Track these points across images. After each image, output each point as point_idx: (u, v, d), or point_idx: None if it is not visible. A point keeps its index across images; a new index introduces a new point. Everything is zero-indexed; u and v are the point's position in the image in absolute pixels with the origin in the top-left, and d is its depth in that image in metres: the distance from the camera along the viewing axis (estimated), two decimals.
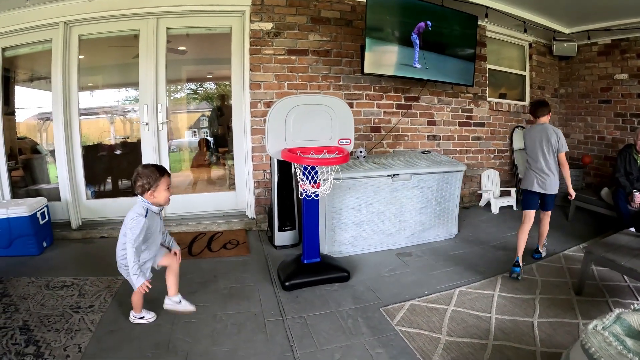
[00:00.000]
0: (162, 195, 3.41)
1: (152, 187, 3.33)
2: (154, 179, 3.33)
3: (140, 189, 3.33)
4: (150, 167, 3.40)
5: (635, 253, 4.18)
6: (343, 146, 4.34)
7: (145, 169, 3.37)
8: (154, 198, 3.37)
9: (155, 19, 5.82)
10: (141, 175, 3.32)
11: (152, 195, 3.35)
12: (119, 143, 6.78)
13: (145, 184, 3.31)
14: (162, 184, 3.38)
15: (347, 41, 6.39)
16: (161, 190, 3.38)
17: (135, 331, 3.43)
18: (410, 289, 4.37)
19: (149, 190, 3.33)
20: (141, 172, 3.33)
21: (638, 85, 7.60)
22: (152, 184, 3.33)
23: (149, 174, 3.33)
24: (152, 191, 3.34)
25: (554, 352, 3.27)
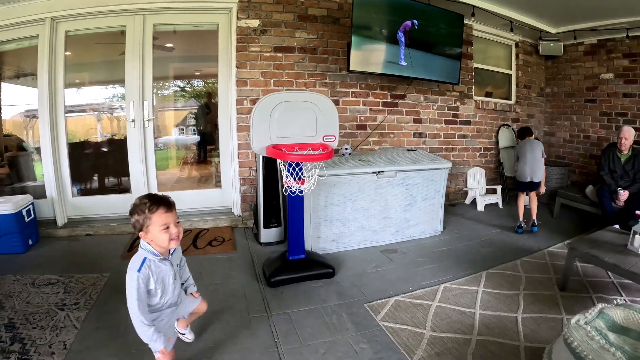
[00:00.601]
0: (158, 237, 2.55)
1: (142, 225, 2.53)
2: (143, 215, 2.53)
3: (133, 225, 2.57)
4: (144, 197, 2.60)
5: (619, 249, 4.22)
6: (328, 143, 4.34)
7: (138, 200, 2.59)
8: (149, 240, 2.57)
9: (142, 15, 5.79)
10: (132, 209, 2.56)
11: (146, 236, 2.56)
12: (106, 140, 6.75)
13: (135, 221, 2.55)
14: (153, 222, 2.52)
15: (333, 39, 6.40)
16: (153, 231, 2.54)
17: (121, 328, 3.40)
18: (394, 285, 4.39)
19: (140, 230, 2.54)
20: (133, 204, 2.57)
21: (623, 85, 7.71)
22: (141, 222, 2.53)
23: (138, 207, 2.54)
24: (144, 232, 2.55)
25: (538, 346, 3.29)
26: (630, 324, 2.67)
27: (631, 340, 2.51)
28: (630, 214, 5.39)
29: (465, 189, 8.06)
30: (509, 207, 7.64)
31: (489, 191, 7.96)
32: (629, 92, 7.66)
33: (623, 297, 4.25)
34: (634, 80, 7.56)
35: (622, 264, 3.91)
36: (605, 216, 6.06)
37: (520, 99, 8.77)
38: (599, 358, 2.35)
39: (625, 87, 7.71)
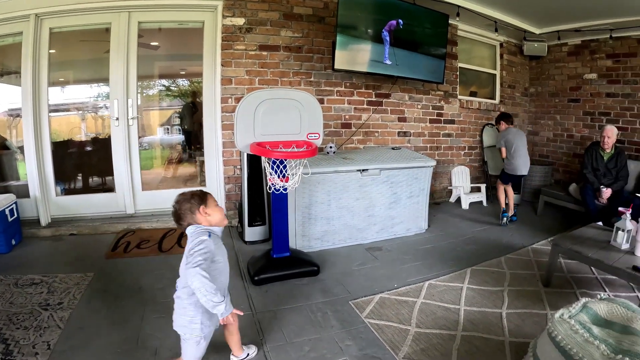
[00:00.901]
0: (216, 213, 2.76)
1: (202, 203, 2.71)
2: (199, 197, 2.74)
3: (189, 211, 2.67)
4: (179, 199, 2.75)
5: (602, 245, 4.28)
6: (312, 140, 4.34)
7: (182, 195, 2.77)
8: (207, 216, 2.71)
9: (127, 12, 5.75)
10: (183, 201, 2.70)
11: (205, 213, 2.70)
12: (90, 139, 6.70)
13: (193, 205, 2.68)
14: (210, 199, 2.78)
15: (319, 37, 6.40)
16: (213, 206, 2.75)
17: (104, 328, 3.39)
18: (379, 283, 4.40)
19: (199, 207, 2.67)
20: (181, 199, 2.73)
21: (607, 85, 7.80)
22: (200, 202, 2.71)
23: (190, 196, 2.73)
24: (204, 207, 2.70)
25: (522, 341, 3.32)
26: (614, 317, 2.69)
27: (615, 334, 2.52)
28: (613, 211, 5.46)
29: (449, 187, 8.11)
30: (494, 205, 7.69)
31: (473, 189, 8.02)
32: (612, 92, 7.74)
33: (607, 292, 4.31)
34: (617, 81, 7.64)
35: (605, 259, 3.96)
36: (588, 213, 6.14)
37: (505, 98, 8.82)
38: (583, 351, 2.35)
39: (609, 87, 7.79)
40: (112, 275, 4.39)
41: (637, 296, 4.17)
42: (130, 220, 5.93)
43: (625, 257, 3.99)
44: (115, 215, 6.05)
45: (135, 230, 5.74)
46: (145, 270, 4.51)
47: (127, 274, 4.33)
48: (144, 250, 5.08)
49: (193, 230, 2.66)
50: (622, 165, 6.25)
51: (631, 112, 7.46)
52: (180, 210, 2.69)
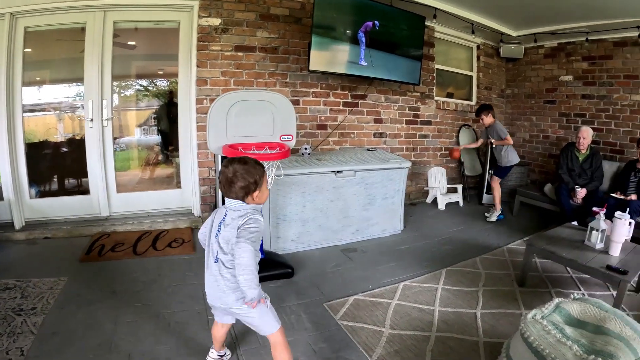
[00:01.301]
0: (265, 193, 2.70)
1: (259, 184, 2.61)
2: (260, 173, 2.63)
3: (244, 190, 2.56)
4: (247, 160, 2.64)
5: (576, 245, 4.35)
6: (285, 142, 4.33)
7: (244, 164, 2.61)
8: (257, 199, 2.64)
9: (102, 11, 5.67)
10: (242, 173, 2.55)
11: (256, 196, 2.62)
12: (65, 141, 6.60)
13: (251, 183, 2.56)
14: (265, 178, 2.68)
15: (295, 38, 6.38)
16: (263, 187, 2.67)
17: (77, 333, 3.33)
18: (354, 284, 4.39)
19: (255, 190, 2.59)
20: (241, 169, 2.56)
21: (582, 87, 7.90)
22: (259, 181, 2.61)
23: (252, 169, 2.60)
24: (259, 190, 2.62)
25: (497, 341, 3.33)
26: (587, 317, 2.71)
27: (588, 334, 2.54)
28: (588, 211, 5.53)
29: (426, 188, 8.14)
30: (470, 206, 7.76)
31: (450, 190, 8.05)
32: (588, 94, 7.83)
33: (582, 291, 4.37)
34: (593, 83, 7.73)
35: (579, 259, 4.03)
36: (563, 213, 6.24)
37: (481, 100, 8.88)
38: (556, 352, 2.37)
39: (584, 88, 7.88)
40: (86, 279, 4.31)
41: (612, 295, 4.21)
42: (105, 223, 5.84)
43: (600, 257, 4.07)
44: (90, 218, 5.96)
45: (110, 233, 5.65)
46: (119, 274, 4.45)
47: (101, 278, 4.27)
48: (118, 254, 5.00)
49: (246, 209, 2.57)
50: (597, 166, 6.36)
51: (606, 113, 7.55)
52: (236, 183, 2.55)
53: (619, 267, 3.76)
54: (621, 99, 7.31)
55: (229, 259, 2.55)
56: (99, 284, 4.10)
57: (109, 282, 4.14)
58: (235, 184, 2.54)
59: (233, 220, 2.54)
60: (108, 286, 4.03)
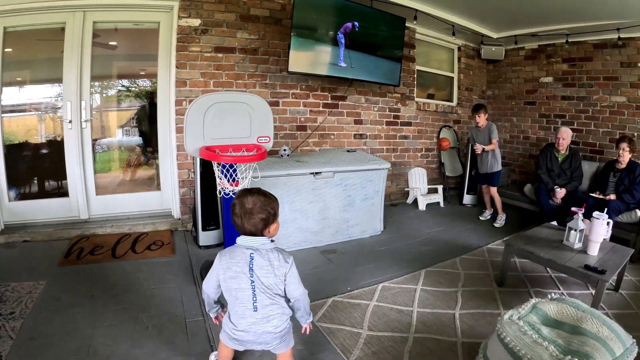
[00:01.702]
0: (278, 224, 2.64)
1: (277, 216, 2.59)
2: (277, 205, 2.59)
3: (264, 222, 2.49)
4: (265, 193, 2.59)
5: (555, 245, 4.41)
6: (262, 144, 4.32)
7: (264, 196, 2.55)
8: (274, 231, 2.58)
9: (82, 11, 5.60)
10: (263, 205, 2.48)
11: (274, 229, 2.57)
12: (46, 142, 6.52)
13: (271, 215, 2.51)
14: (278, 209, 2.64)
15: (275, 40, 6.35)
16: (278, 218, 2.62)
17: (56, 337, 3.29)
18: (332, 286, 4.39)
19: (273, 222, 2.55)
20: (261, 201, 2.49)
21: (562, 88, 7.98)
22: (277, 212, 2.59)
23: (271, 201, 2.55)
24: (276, 223, 2.59)
25: (475, 342, 3.35)
26: (564, 317, 2.73)
27: (564, 334, 2.56)
28: (567, 211, 5.57)
29: (406, 189, 8.15)
30: (450, 206, 7.82)
31: (430, 191, 8.07)
32: (568, 95, 7.90)
33: (561, 290, 4.43)
34: (573, 84, 7.80)
35: (557, 259, 4.07)
36: (542, 213, 6.32)
37: (462, 101, 8.96)
38: (532, 352, 2.38)
39: (564, 90, 7.96)
40: (64, 282, 4.26)
41: (591, 294, 4.23)
42: (85, 226, 5.77)
43: (578, 256, 4.11)
44: (70, 221, 5.88)
45: (89, 236, 5.59)
46: (98, 277, 4.40)
47: (79, 282, 4.23)
48: (97, 257, 4.94)
49: (274, 248, 2.56)
50: (576, 166, 6.43)
51: (586, 114, 7.63)
52: (258, 214, 2.48)
53: (597, 266, 3.80)
54: (601, 100, 7.38)
55: (273, 302, 2.57)
56: (77, 288, 4.06)
57: (87, 286, 4.11)
58: (255, 215, 2.46)
59: (267, 263, 2.49)
60: (87, 290, 3.99)
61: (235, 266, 2.50)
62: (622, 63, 7.05)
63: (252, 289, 2.49)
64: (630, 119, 7.01)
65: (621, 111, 7.14)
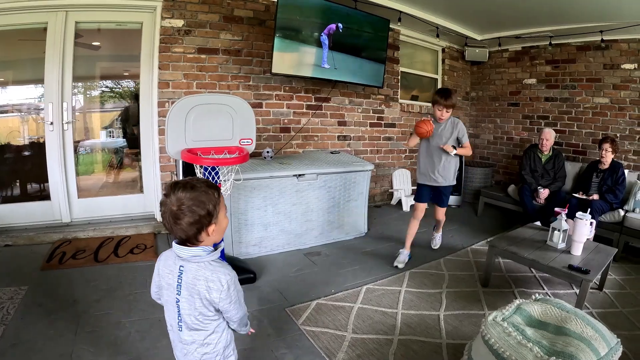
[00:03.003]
0: (223, 223, 2.03)
1: (214, 215, 1.92)
2: (214, 200, 1.92)
3: (195, 227, 1.86)
4: (195, 185, 1.90)
5: (538, 245, 4.44)
6: (244, 146, 4.29)
7: (192, 190, 1.86)
8: (215, 234, 1.96)
9: (64, 11, 5.53)
10: (191, 204, 1.84)
11: (213, 231, 1.93)
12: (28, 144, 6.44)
13: (204, 216, 1.86)
14: (222, 205, 2.00)
15: (259, 41, 6.33)
16: (221, 217, 1.99)
17: (38, 344, 3.25)
18: (317, 288, 4.38)
19: (210, 223, 1.90)
20: (188, 199, 1.83)
21: (545, 89, 8.06)
22: (214, 210, 1.91)
23: (203, 195, 1.88)
24: (215, 223, 1.93)
25: (460, 343, 3.37)
26: (548, 318, 2.73)
27: (549, 335, 2.56)
28: (551, 211, 5.60)
29: (390, 190, 8.15)
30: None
31: (414, 192, 8.02)
32: (551, 96, 7.98)
33: (545, 289, 4.46)
34: (556, 85, 7.88)
35: (541, 259, 4.10)
36: (526, 214, 6.36)
37: None
38: (517, 354, 2.38)
39: (547, 91, 8.03)
40: (46, 288, 4.21)
41: (575, 293, 4.25)
42: (66, 230, 5.69)
43: (562, 257, 4.15)
44: (51, 225, 5.81)
45: (71, 240, 5.53)
46: (80, 282, 4.34)
47: (61, 286, 4.17)
48: (79, 261, 4.88)
49: (207, 264, 1.94)
50: (559, 167, 6.50)
51: (569, 115, 7.70)
52: (185, 217, 1.84)
53: (581, 266, 3.83)
54: (583, 101, 7.45)
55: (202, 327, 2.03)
56: (59, 293, 4.02)
57: (70, 291, 4.06)
58: (182, 219, 1.85)
59: (195, 283, 1.94)
60: (69, 295, 3.95)
61: (167, 276, 2.02)
62: (604, 65, 7.13)
63: (177, 307, 2.00)
64: (613, 120, 7.08)
65: (604, 112, 7.21)
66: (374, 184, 7.73)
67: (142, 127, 6.12)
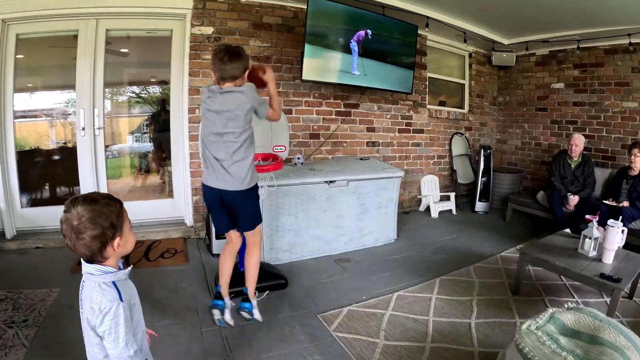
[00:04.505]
0: (129, 238, 1.95)
1: (118, 227, 1.84)
2: (116, 211, 1.84)
3: (98, 241, 1.77)
4: (96, 198, 1.81)
5: (569, 253, 4.36)
6: (278, 153, 4.31)
7: (92, 203, 1.78)
8: (120, 248, 1.87)
9: (95, 19, 5.63)
10: (91, 217, 1.75)
11: (118, 245, 1.84)
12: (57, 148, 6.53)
13: (106, 228, 1.78)
14: (125, 218, 1.91)
15: (287, 47, 6.36)
16: (128, 227, 1.93)
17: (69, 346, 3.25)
18: (348, 295, 4.38)
19: (114, 236, 1.82)
20: (87, 212, 1.74)
21: (574, 94, 7.95)
22: (117, 223, 1.83)
23: (105, 208, 1.80)
24: (119, 237, 1.84)
25: (492, 351, 3.33)
26: (581, 327, 2.71)
27: (582, 344, 2.54)
28: (581, 218, 5.52)
29: (419, 197, 8.12)
30: (463, 214, 7.77)
31: (442, 198, 8.07)
32: (579, 101, 7.88)
33: (575, 298, 4.39)
34: (584, 90, 7.78)
35: (572, 267, 4.03)
36: (555, 221, 6.25)
37: (473, 107, 8.94)
38: None
39: (576, 96, 7.93)
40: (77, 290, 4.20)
41: (606, 302, 4.21)
42: None
43: (593, 265, 4.08)
44: None
45: None
46: None
47: None
48: None
49: (92, 279, 1.86)
50: (589, 173, 6.40)
51: (598, 120, 7.60)
52: (83, 233, 1.74)
53: (612, 274, 3.77)
54: (612, 105, 7.37)
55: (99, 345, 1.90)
56: None
57: None
58: (84, 233, 1.75)
59: (85, 302, 1.89)
60: None
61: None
62: (633, 68, 7.05)
63: (82, 320, 1.93)
64: None
65: (633, 117, 7.12)
66: (402, 190, 7.69)
67: (173, 133, 6.18)
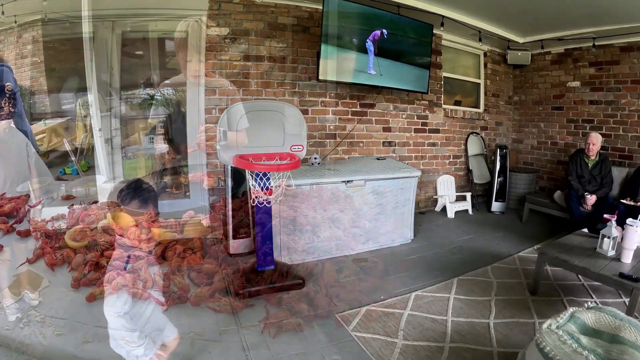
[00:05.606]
0: None
1: None
2: None
3: None
4: None
5: (588, 253, 4.33)
6: (295, 152, 4.32)
7: None
8: None
9: (110, 21, 5.69)
10: None
11: None
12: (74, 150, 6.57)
13: None
14: None
15: (303, 48, 6.37)
16: None
17: None
18: (366, 295, 4.37)
19: None
20: None
21: (590, 92, 7.86)
22: None
23: None
24: None
25: (511, 351, 3.33)
26: (602, 326, 2.70)
27: (603, 343, 2.54)
28: (598, 217, 5.48)
29: (435, 197, 8.09)
30: (479, 214, 7.74)
31: (458, 198, 8.02)
32: (595, 100, 7.80)
33: (594, 298, 4.37)
34: (600, 88, 7.70)
35: (591, 267, 4.01)
36: (573, 220, 6.21)
37: (489, 107, 8.88)
38: None
39: (592, 94, 7.85)
40: None
41: (624, 302, 4.18)
42: None
43: (612, 264, 4.05)
44: None
45: None
46: None
47: None
48: None
49: None
50: (606, 172, 6.36)
51: (614, 119, 7.53)
52: None
53: (632, 274, 3.74)
54: (629, 104, 7.30)
55: None
56: None
57: None
58: None
59: None
60: None
61: None
62: None
63: None
64: None
65: None
66: (419, 190, 7.64)
67: (189, 133, 6.16)
